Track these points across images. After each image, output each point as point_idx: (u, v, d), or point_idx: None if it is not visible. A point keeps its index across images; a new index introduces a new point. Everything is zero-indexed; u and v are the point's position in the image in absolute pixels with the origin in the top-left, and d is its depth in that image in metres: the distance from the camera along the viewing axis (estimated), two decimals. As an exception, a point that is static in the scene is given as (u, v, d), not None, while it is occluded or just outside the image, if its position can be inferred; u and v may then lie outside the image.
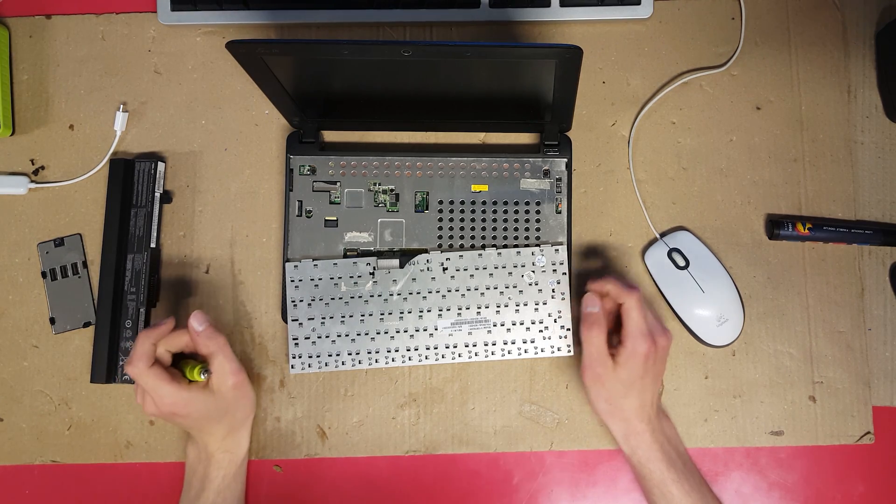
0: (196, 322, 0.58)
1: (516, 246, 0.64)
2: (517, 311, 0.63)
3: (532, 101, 0.60)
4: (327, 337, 0.63)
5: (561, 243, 0.64)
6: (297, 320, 0.63)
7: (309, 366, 0.63)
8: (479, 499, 0.64)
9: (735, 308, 0.63)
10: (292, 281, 0.63)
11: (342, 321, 0.63)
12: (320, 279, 0.63)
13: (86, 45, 0.68)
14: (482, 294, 0.63)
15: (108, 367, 0.62)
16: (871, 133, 0.66)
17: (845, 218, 0.65)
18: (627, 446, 0.59)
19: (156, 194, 0.65)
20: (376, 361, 0.63)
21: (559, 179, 0.65)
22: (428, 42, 0.64)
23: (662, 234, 0.65)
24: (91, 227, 0.66)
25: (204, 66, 0.68)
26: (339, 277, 0.63)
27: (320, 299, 0.63)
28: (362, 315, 0.63)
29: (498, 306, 0.63)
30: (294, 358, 0.63)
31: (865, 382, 0.63)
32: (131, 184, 0.65)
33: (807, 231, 0.63)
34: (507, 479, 0.64)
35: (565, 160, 0.65)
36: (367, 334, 0.63)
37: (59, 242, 0.65)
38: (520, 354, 0.62)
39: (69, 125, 0.67)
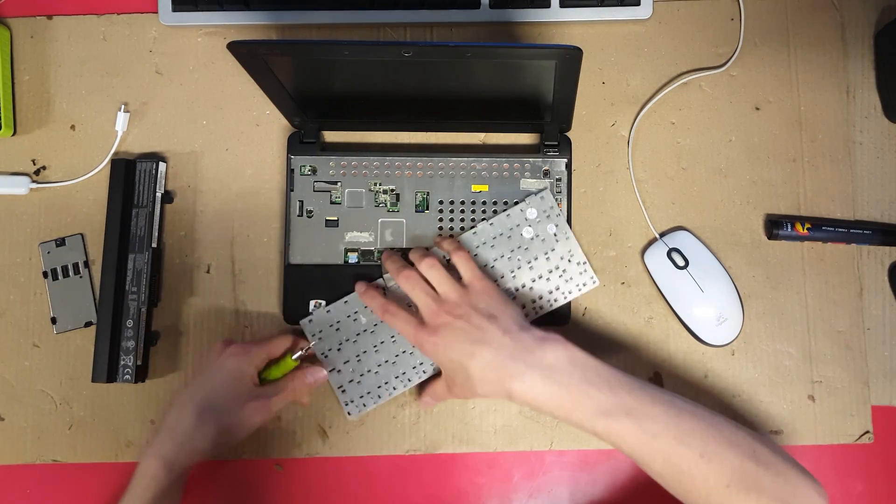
0: (313, 377, 0.61)
1: (507, 212, 0.64)
2: (531, 267, 0.62)
3: (532, 102, 0.60)
4: (369, 371, 0.62)
5: (542, 189, 0.64)
6: (334, 369, 0.62)
7: (365, 405, 0.62)
8: (479, 498, 0.64)
9: (734, 308, 0.63)
10: (313, 335, 0.62)
11: (376, 350, 0.62)
12: (338, 322, 0.62)
13: (87, 45, 0.68)
14: (492, 267, 0.62)
15: (109, 366, 0.62)
16: (869, 133, 0.66)
17: (844, 218, 0.65)
18: (522, 404, 0.54)
19: (157, 194, 0.65)
20: (424, 372, 0.62)
21: (559, 179, 0.65)
22: (428, 43, 0.64)
23: (662, 234, 0.65)
24: (92, 227, 0.66)
25: (205, 66, 0.68)
26: (356, 312, 0.63)
27: (346, 340, 0.62)
28: (392, 336, 0.62)
29: (512, 272, 0.62)
30: (347, 405, 0.62)
31: (864, 382, 0.63)
32: (132, 184, 0.65)
33: (806, 231, 0.63)
34: (506, 479, 0.64)
35: (565, 160, 0.65)
36: (404, 352, 0.62)
37: (60, 242, 0.66)
38: (551, 305, 0.62)
39: (70, 125, 0.67)
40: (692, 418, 0.52)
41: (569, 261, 0.63)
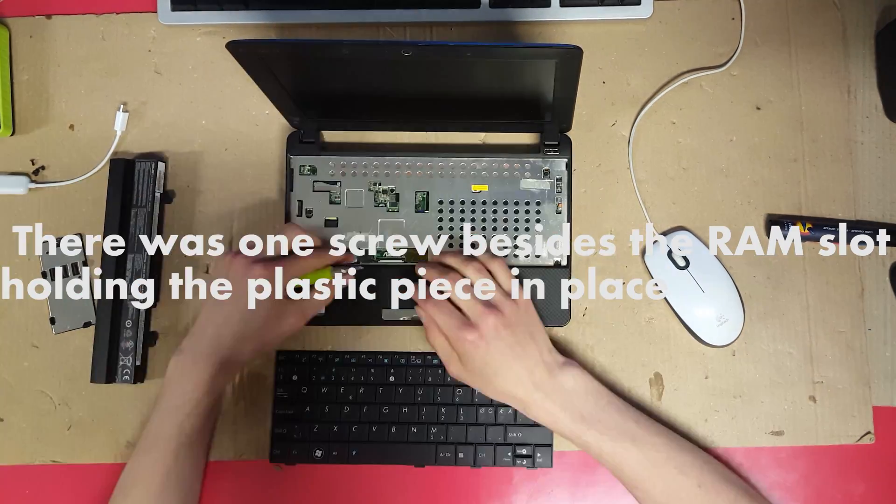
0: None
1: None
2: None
3: (532, 101, 0.60)
4: None
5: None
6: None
7: None
8: (479, 498, 0.64)
9: (735, 308, 0.63)
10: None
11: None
12: None
13: (86, 45, 0.68)
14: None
15: (108, 367, 0.62)
16: (870, 133, 0.66)
17: (845, 218, 0.65)
18: (535, 419, 0.58)
19: (156, 194, 0.65)
20: None
21: (559, 179, 0.65)
22: (428, 42, 0.64)
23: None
24: (92, 227, 0.66)
25: (204, 66, 0.68)
26: None
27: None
28: None
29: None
30: None
31: (866, 382, 0.63)
32: (132, 184, 0.65)
33: (807, 231, 0.63)
34: (506, 479, 0.64)
35: (565, 160, 0.65)
36: None
37: (59, 242, 0.66)
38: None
39: (69, 125, 0.67)
40: (690, 452, 0.57)
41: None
